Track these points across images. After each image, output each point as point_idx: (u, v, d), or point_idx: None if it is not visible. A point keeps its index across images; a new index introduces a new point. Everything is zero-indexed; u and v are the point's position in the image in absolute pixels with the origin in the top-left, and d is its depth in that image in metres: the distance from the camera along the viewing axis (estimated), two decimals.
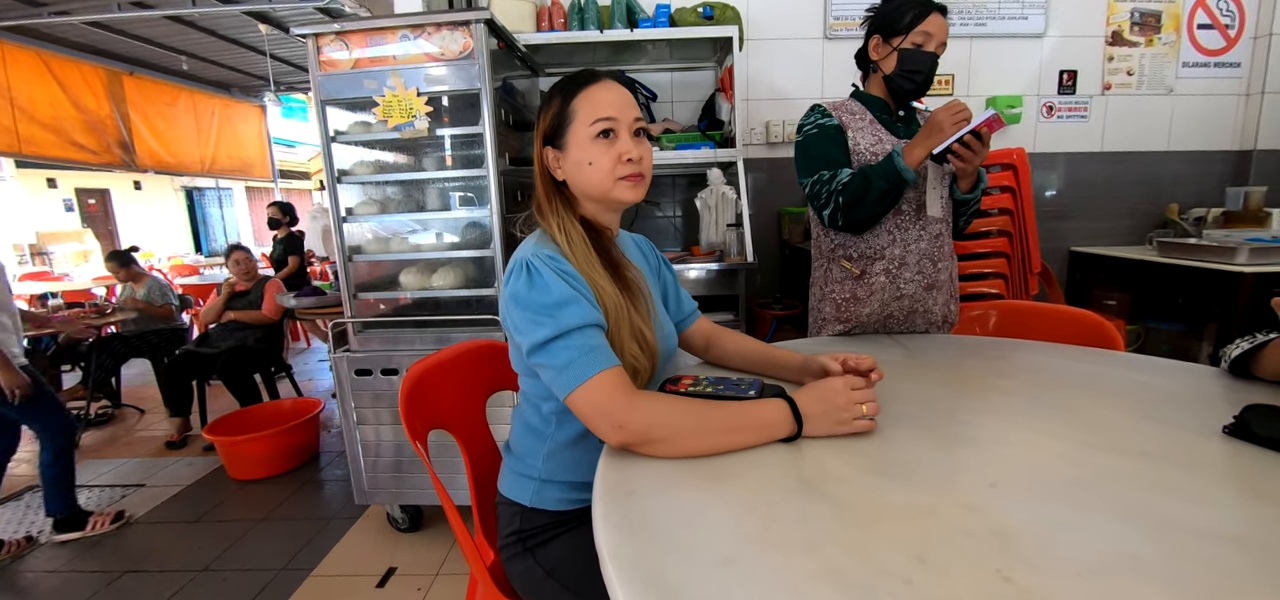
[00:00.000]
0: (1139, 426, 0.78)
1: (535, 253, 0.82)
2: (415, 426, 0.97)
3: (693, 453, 0.72)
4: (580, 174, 0.88)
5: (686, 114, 2.67)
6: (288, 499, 2.52)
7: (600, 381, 0.74)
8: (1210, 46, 2.80)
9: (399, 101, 1.68)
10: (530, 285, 0.79)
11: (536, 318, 0.77)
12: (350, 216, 1.90)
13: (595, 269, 0.85)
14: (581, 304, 0.78)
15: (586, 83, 0.87)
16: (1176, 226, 2.87)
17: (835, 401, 0.76)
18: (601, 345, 0.77)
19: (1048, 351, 1.13)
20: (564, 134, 0.88)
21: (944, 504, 0.60)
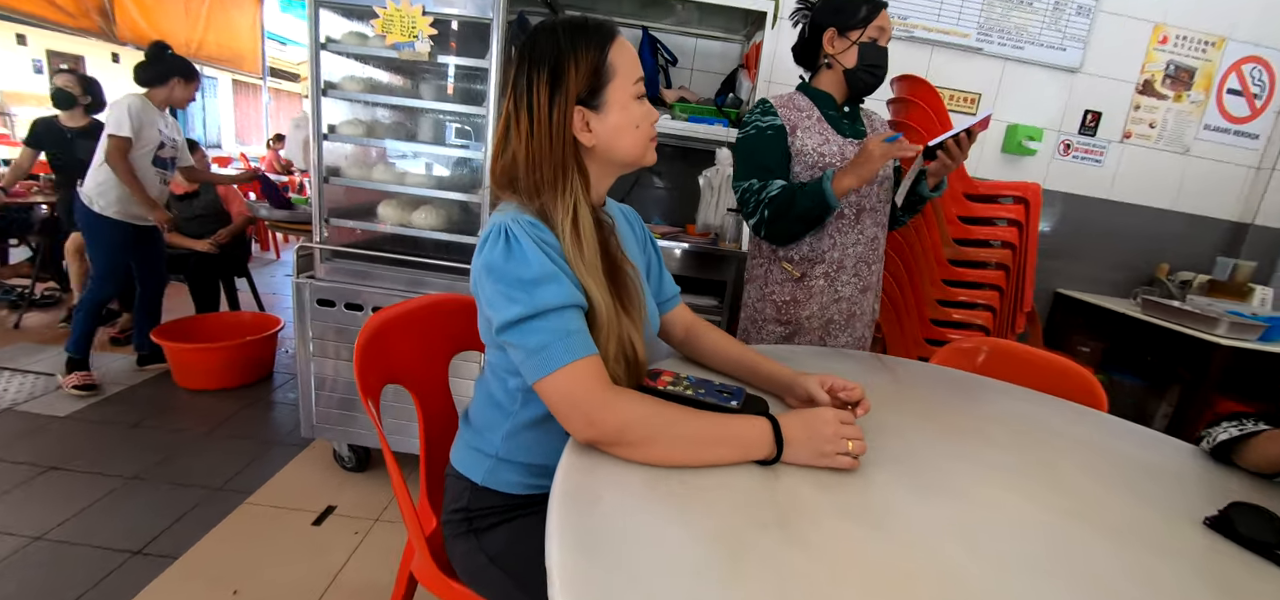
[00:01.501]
0: (1121, 503, 0.76)
1: (516, 219, 0.73)
2: (369, 382, 0.90)
3: (665, 462, 0.67)
4: (621, 139, 0.79)
5: (704, 86, 2.56)
6: (234, 416, 2.43)
7: (575, 371, 0.68)
8: (1235, 113, 2.77)
9: (401, 17, 1.55)
10: (507, 255, 0.71)
11: (510, 292, 0.70)
12: (332, 134, 1.77)
13: (594, 271, 0.76)
14: (562, 282, 0.71)
15: (613, 35, 0.78)
16: (1162, 287, 2.88)
17: (822, 432, 0.71)
18: (579, 330, 0.71)
19: (1036, 402, 1.10)
20: (603, 92, 0.77)
21: (922, 568, 0.56)
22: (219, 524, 1.75)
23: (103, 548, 1.61)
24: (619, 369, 0.75)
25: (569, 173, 0.77)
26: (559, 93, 0.75)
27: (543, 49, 0.76)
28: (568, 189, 0.76)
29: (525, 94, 0.76)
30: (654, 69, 2.31)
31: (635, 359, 0.78)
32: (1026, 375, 1.27)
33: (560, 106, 0.76)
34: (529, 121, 0.76)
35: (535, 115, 0.76)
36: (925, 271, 1.87)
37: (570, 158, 0.78)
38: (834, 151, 1.33)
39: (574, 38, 0.76)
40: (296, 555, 1.65)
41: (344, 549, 1.69)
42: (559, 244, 0.74)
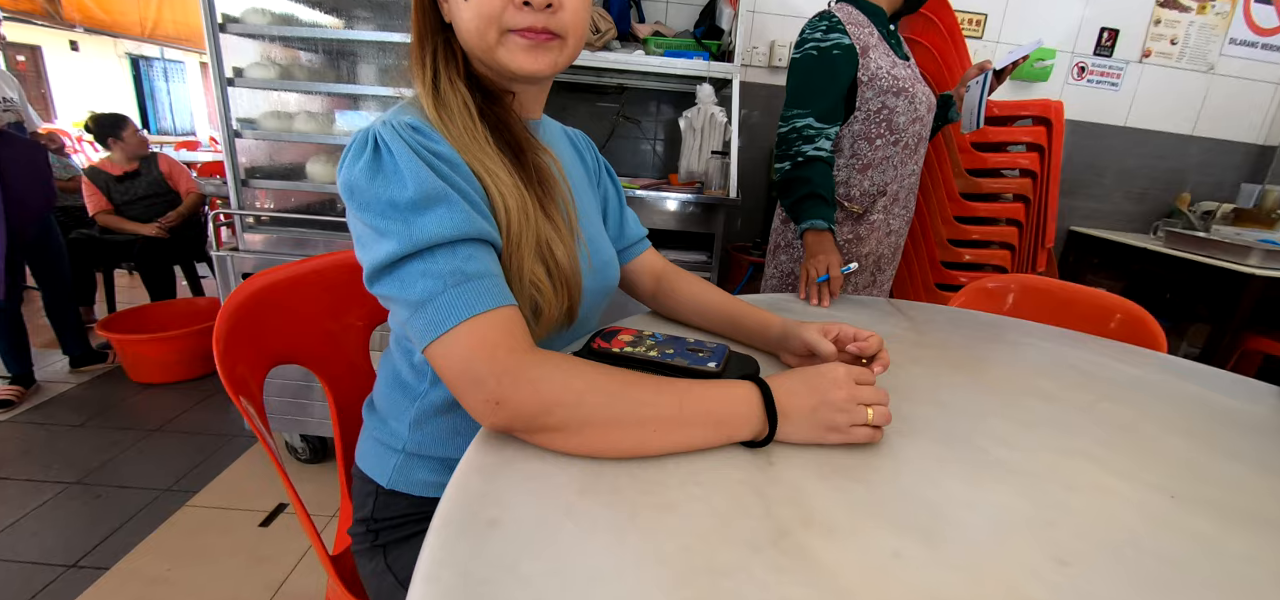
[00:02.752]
0: (1232, 472, 0.56)
1: (391, 121, 0.53)
2: (238, 371, 0.69)
3: (609, 452, 0.47)
4: (461, 17, 0.57)
5: (682, 19, 2.31)
6: (186, 411, 2.24)
7: (475, 329, 0.47)
8: (1263, 24, 2.53)
9: None
10: (373, 170, 0.50)
11: (379, 223, 0.49)
12: (238, 79, 1.52)
13: (480, 145, 0.56)
14: (454, 205, 0.50)
15: None
16: (1184, 218, 2.69)
17: (831, 397, 0.51)
18: (485, 272, 0.50)
19: (1084, 345, 0.90)
20: None
21: (991, 593, 0.36)
22: (156, 530, 1.56)
23: (33, 563, 1.44)
24: (538, 270, 0.56)
25: (430, 47, 0.60)
26: None
27: None
28: (429, 62, 0.59)
29: None
30: (624, 2, 2.06)
31: (557, 264, 0.58)
32: (1065, 316, 1.07)
33: None
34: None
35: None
36: (936, 207, 1.66)
37: (432, 29, 0.60)
38: (903, 75, 1.15)
39: None
40: (237, 564, 1.47)
41: (291, 554, 1.50)
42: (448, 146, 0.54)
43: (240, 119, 1.59)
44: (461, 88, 0.58)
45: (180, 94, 11.40)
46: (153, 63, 10.68)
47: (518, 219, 0.55)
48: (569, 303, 0.60)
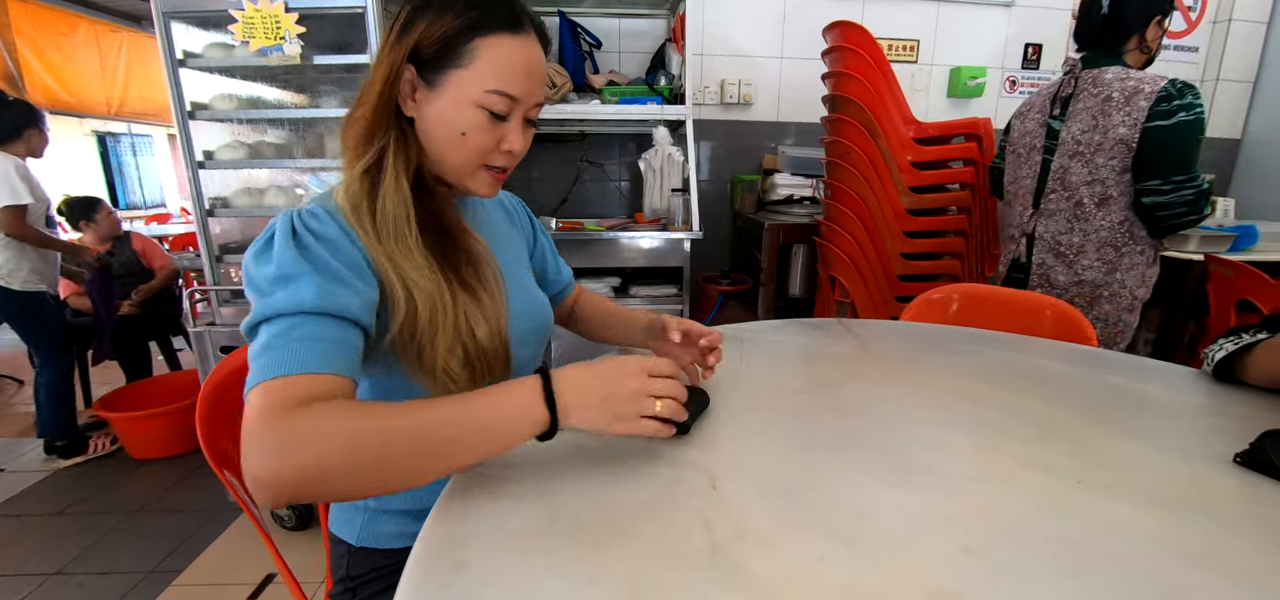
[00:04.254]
0: (1136, 453, 0.63)
1: (305, 209, 0.60)
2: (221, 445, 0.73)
3: (387, 489, 0.50)
4: (439, 135, 0.64)
5: (634, 66, 2.42)
6: (173, 487, 2.21)
7: (257, 398, 0.48)
8: (1172, 28, 2.73)
9: (263, 18, 1.37)
10: (258, 253, 0.56)
11: (252, 295, 0.55)
12: (209, 161, 1.57)
13: (405, 248, 0.61)
14: (307, 281, 0.53)
15: (505, 27, 0.62)
16: None
17: (619, 388, 0.53)
18: (308, 339, 0.51)
19: (1022, 348, 0.98)
20: (445, 70, 0.62)
21: (903, 588, 0.42)
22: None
23: None
24: (460, 368, 0.62)
25: (379, 131, 0.63)
26: (401, 40, 0.62)
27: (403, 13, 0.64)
28: (373, 148, 0.62)
29: (387, 29, 0.65)
30: (578, 56, 2.16)
31: (484, 350, 0.64)
32: (1005, 319, 1.15)
33: (396, 52, 0.62)
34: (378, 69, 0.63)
35: (382, 50, 0.64)
36: (884, 227, 1.76)
37: (387, 117, 0.63)
38: None
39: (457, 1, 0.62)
40: None
41: None
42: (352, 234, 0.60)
43: (212, 198, 1.63)
44: (405, 189, 0.62)
45: (149, 168, 11.28)
46: (119, 138, 10.61)
47: (428, 313, 0.60)
48: (490, 376, 0.65)
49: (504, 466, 0.58)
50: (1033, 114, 1.41)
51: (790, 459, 0.60)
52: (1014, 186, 1.47)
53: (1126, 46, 1.28)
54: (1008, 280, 1.47)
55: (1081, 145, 1.27)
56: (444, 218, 0.66)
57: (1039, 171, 1.37)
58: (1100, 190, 1.26)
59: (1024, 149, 1.42)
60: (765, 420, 0.69)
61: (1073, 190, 1.29)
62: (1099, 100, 1.23)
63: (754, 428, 0.67)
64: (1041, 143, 1.37)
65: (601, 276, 2.09)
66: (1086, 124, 1.25)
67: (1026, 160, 1.41)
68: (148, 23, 6.05)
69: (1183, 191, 1.18)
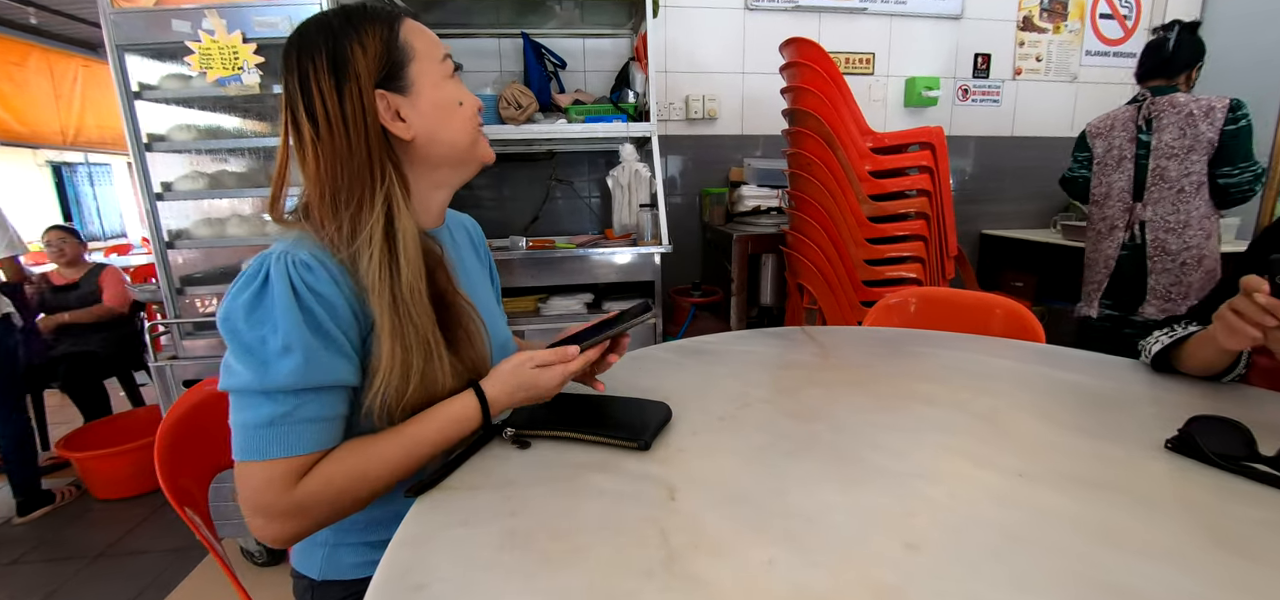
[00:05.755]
0: (1074, 444, 0.66)
1: (289, 252, 0.58)
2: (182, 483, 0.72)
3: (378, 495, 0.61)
4: (448, 122, 0.66)
5: (599, 85, 2.45)
6: (137, 527, 2.13)
7: (264, 471, 0.55)
8: (1110, 36, 2.88)
9: (220, 49, 1.36)
10: (254, 307, 0.55)
11: (243, 358, 0.55)
12: (168, 193, 1.55)
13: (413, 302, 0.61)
14: (313, 354, 0.56)
15: (402, 15, 0.65)
16: (1077, 210, 2.96)
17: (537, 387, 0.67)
18: (313, 419, 0.57)
19: (970, 346, 1.02)
20: (406, 72, 0.63)
21: (848, 586, 0.43)
22: None
23: None
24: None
25: (380, 176, 0.62)
26: (347, 79, 0.60)
27: (313, 38, 0.62)
28: (378, 196, 0.61)
29: (302, 96, 0.60)
30: (543, 76, 2.18)
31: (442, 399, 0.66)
32: (958, 320, 1.20)
33: (352, 94, 0.60)
34: (313, 128, 0.60)
35: (323, 115, 0.60)
36: (847, 234, 1.81)
37: (381, 156, 0.62)
38: None
39: (350, 19, 0.63)
40: None
41: None
42: (342, 286, 0.59)
43: (171, 230, 1.60)
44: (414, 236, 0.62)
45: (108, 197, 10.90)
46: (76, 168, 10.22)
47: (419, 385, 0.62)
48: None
49: (464, 490, 0.58)
50: (1116, 133, 1.80)
51: (749, 467, 0.62)
52: (1105, 188, 1.84)
53: (1179, 80, 1.72)
54: (1120, 257, 1.83)
55: (1175, 149, 1.65)
56: (436, 278, 0.66)
57: (1133, 173, 1.75)
58: (1196, 179, 1.64)
59: (1113, 160, 1.81)
60: (726, 430, 0.71)
61: (1173, 182, 1.67)
62: (1182, 116, 1.63)
63: (715, 438, 0.68)
64: (1131, 153, 1.75)
65: (574, 293, 2.10)
66: (1175, 134, 1.65)
67: (1117, 168, 1.80)
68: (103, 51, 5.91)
69: (1248, 172, 1.60)
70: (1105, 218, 1.86)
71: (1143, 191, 1.74)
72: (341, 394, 0.59)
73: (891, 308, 1.27)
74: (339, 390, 0.59)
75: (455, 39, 2.36)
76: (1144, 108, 1.73)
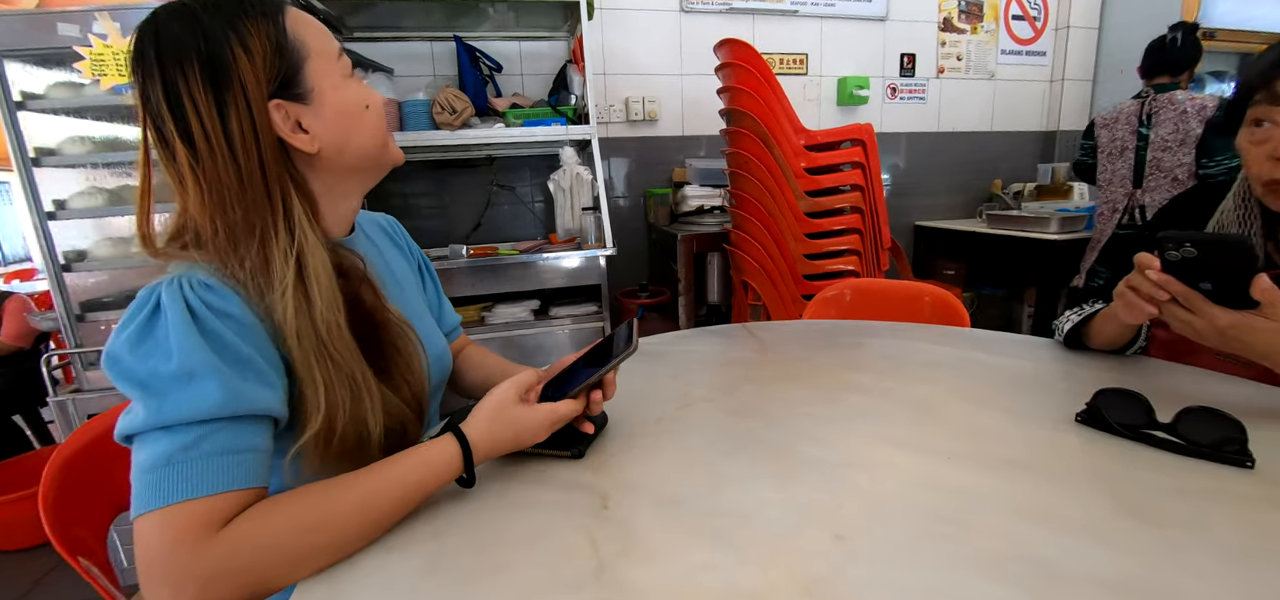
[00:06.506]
0: (995, 424, 0.69)
1: (185, 277, 0.50)
2: (75, 531, 0.65)
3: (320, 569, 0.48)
4: (357, 129, 0.60)
5: (537, 88, 2.42)
6: (45, 578, 1.93)
7: (165, 523, 0.44)
8: (1022, 36, 3.07)
9: (114, 54, 1.25)
10: (139, 338, 0.47)
11: (135, 391, 0.46)
12: (61, 212, 1.41)
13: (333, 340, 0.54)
14: (215, 379, 0.47)
15: (283, 5, 0.57)
16: (1000, 200, 3.13)
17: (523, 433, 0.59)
18: (218, 451, 0.46)
19: (900, 333, 1.05)
20: (303, 75, 0.56)
21: (778, 583, 0.43)
22: None
23: None
24: (377, 453, 0.57)
25: (281, 200, 0.54)
26: (231, 91, 0.52)
27: (177, 38, 0.51)
28: (283, 226, 0.53)
29: (171, 112, 0.51)
30: (479, 80, 2.13)
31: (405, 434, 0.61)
32: (891, 308, 1.24)
33: (239, 108, 0.52)
34: (190, 150, 0.51)
35: (201, 135, 0.51)
36: (787, 230, 1.85)
37: (280, 177, 0.55)
38: None
39: (222, 11, 0.53)
40: None
41: None
42: (248, 310, 0.52)
43: (69, 251, 1.46)
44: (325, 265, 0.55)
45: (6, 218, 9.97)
46: None
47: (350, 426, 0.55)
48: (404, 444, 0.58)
49: None
50: (1120, 125, 2.04)
51: (684, 469, 0.61)
52: (1109, 174, 2.10)
53: (1181, 78, 1.92)
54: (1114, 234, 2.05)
55: (1169, 143, 1.88)
56: (361, 299, 0.59)
57: (1134, 162, 1.99)
58: (1188, 169, 1.84)
59: (1116, 149, 2.05)
60: (664, 432, 0.70)
61: (1167, 172, 1.89)
62: (1177, 112, 1.86)
63: (652, 441, 0.68)
64: (1132, 144, 1.99)
65: (520, 300, 2.06)
66: (1170, 129, 1.87)
67: (1120, 157, 2.04)
68: None
69: (1222, 165, 1.79)
70: (1109, 200, 2.12)
71: (1142, 179, 1.98)
72: (262, 426, 0.50)
73: (828, 300, 1.31)
74: (258, 420, 0.50)
75: (386, 43, 2.28)
76: (1146, 103, 1.96)
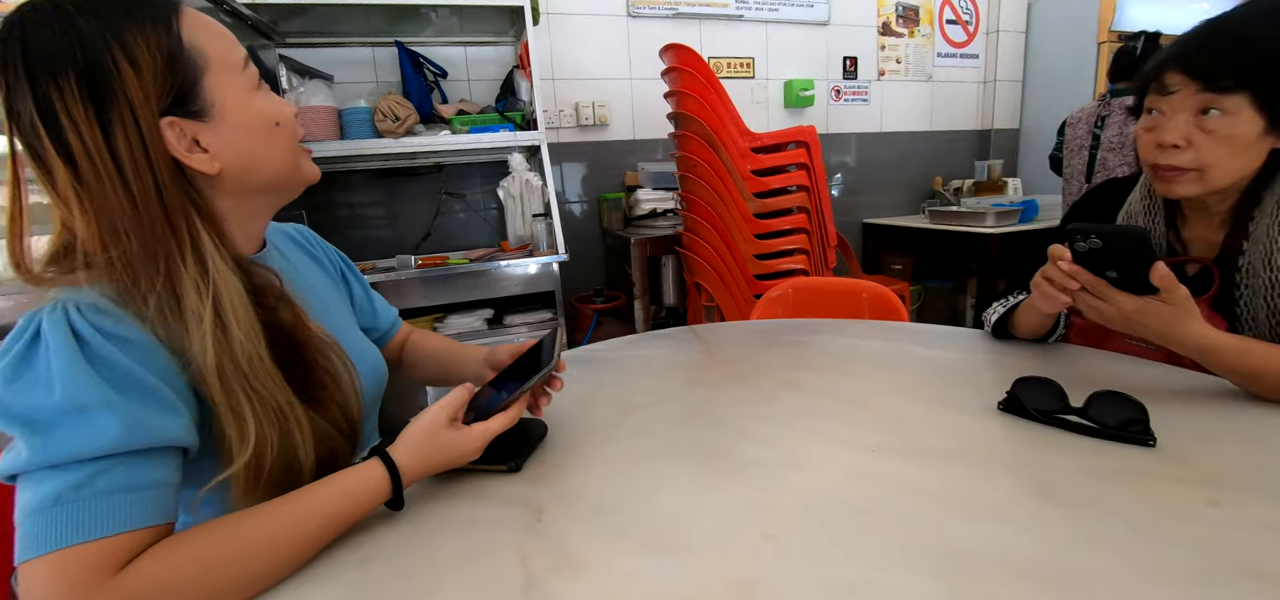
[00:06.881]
0: (923, 414, 0.71)
1: (72, 302, 0.45)
2: None
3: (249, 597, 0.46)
4: (266, 149, 0.56)
5: (484, 94, 2.38)
6: None
7: (54, 570, 0.40)
8: (956, 39, 3.21)
9: None
10: (15, 372, 0.43)
11: (16, 430, 0.42)
12: None
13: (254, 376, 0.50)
14: (110, 411, 0.43)
15: (178, 5, 0.51)
16: (941, 196, 3.27)
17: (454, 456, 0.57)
18: (114, 488, 0.43)
19: (842, 330, 1.08)
20: (201, 88, 0.51)
21: (707, 586, 0.43)
22: None
23: None
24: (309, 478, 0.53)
25: (184, 226, 0.49)
26: (114, 108, 0.46)
27: (49, 48, 0.45)
28: (190, 256, 0.49)
29: (46, 127, 0.45)
30: (423, 87, 2.09)
31: (336, 458, 0.58)
32: (832, 306, 1.27)
33: (125, 126, 0.47)
34: (71, 170, 0.46)
35: (83, 154, 0.46)
36: (736, 231, 1.88)
37: (183, 201, 0.50)
38: None
39: (103, 18, 0.47)
40: None
41: None
42: (148, 335, 0.47)
43: None
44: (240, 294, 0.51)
45: None
46: None
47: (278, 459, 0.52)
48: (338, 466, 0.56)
49: None
50: (1080, 125, 2.22)
51: (622, 476, 0.61)
52: (1071, 169, 2.28)
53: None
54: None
55: (1114, 144, 2.04)
56: (281, 319, 0.55)
57: (1088, 160, 2.16)
58: (1130, 168, 1.96)
59: (1076, 146, 2.23)
60: (605, 440, 0.69)
61: (1112, 170, 2.05)
62: (1123, 117, 2.02)
63: (593, 450, 0.67)
64: (1088, 143, 2.17)
65: (473, 310, 2.02)
66: (1115, 132, 2.05)
67: (1078, 154, 2.22)
68: None
69: None
70: (1068, 195, 2.33)
71: (1092, 176, 2.15)
72: (167, 458, 0.46)
73: (774, 300, 1.33)
74: (163, 453, 0.46)
75: (325, 49, 2.21)
76: (1102, 106, 2.15)
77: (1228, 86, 0.70)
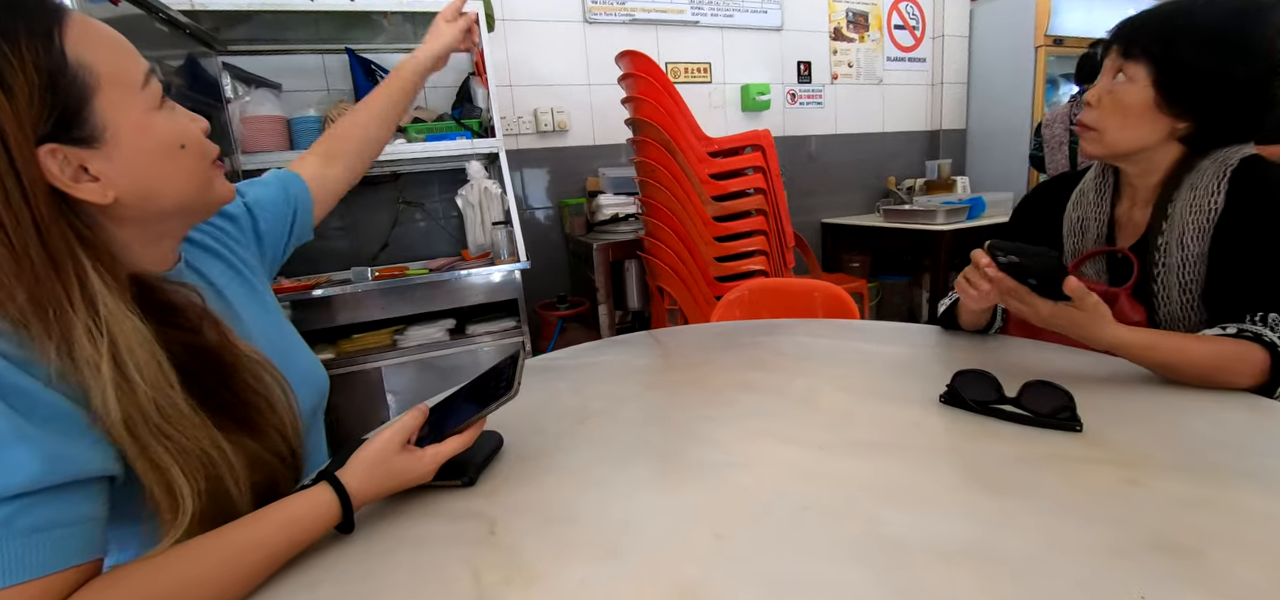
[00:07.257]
0: (868, 409, 0.74)
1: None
2: None
3: None
4: (169, 172, 0.51)
5: (441, 101, 2.35)
6: None
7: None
8: (904, 44, 3.32)
9: None
10: None
11: None
12: None
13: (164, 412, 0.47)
14: (25, 446, 0.40)
15: (61, 14, 0.45)
16: (894, 195, 3.38)
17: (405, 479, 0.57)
18: (35, 528, 0.40)
19: (797, 330, 1.10)
20: (88, 112, 0.46)
21: (655, 589, 0.44)
22: None
23: None
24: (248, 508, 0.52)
25: (71, 270, 0.44)
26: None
27: None
28: (80, 300, 0.44)
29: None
30: None
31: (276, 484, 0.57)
32: (787, 306, 1.30)
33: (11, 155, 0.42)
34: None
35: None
36: (696, 234, 1.90)
37: (65, 239, 0.45)
38: None
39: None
40: None
41: None
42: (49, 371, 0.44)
43: None
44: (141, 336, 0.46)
45: None
46: None
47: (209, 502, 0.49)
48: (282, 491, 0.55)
49: None
50: (1057, 124, 2.36)
51: (576, 485, 0.61)
52: (1054, 166, 2.40)
53: None
54: None
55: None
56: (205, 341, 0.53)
57: (1069, 155, 2.30)
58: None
59: (1055, 143, 2.38)
60: (560, 449, 0.70)
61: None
62: None
63: (548, 460, 0.67)
64: (1066, 139, 2.31)
65: (434, 320, 1.99)
66: None
67: (1058, 150, 2.36)
68: None
69: None
70: None
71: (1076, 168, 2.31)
72: (92, 490, 0.44)
73: (731, 303, 1.36)
74: (88, 485, 0.44)
75: (273, 56, 2.14)
76: (1074, 105, 2.30)
77: (1134, 55, 0.76)
